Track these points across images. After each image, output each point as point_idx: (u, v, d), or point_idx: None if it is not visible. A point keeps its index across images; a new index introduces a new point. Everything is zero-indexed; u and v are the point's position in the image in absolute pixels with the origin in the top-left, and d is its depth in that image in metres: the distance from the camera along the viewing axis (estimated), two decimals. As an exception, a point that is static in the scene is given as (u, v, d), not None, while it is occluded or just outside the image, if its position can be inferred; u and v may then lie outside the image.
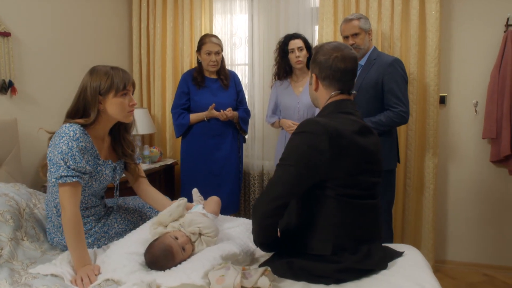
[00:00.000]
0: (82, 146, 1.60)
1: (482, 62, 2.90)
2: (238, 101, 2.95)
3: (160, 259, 1.43)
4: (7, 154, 2.26)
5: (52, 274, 1.46)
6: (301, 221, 1.47)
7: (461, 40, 2.94)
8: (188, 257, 1.49)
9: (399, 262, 1.50)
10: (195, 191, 1.85)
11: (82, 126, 1.63)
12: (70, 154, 1.56)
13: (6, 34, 2.31)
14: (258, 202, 1.44)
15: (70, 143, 1.57)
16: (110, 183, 1.81)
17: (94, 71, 1.68)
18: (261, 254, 1.64)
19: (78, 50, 2.89)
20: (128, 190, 2.11)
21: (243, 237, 1.67)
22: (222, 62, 2.88)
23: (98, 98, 1.63)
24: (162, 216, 1.61)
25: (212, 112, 2.78)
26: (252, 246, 1.64)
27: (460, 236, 3.05)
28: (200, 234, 1.53)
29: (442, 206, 3.05)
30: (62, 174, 1.54)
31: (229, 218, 1.93)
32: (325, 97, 1.53)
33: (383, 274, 1.41)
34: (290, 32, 3.01)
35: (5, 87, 2.32)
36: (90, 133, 1.67)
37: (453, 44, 2.95)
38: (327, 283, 1.37)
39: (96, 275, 1.44)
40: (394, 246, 1.64)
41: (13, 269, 1.49)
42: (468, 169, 2.99)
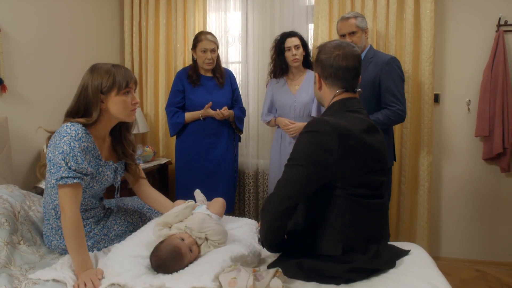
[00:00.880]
0: (84, 146, 1.55)
1: (475, 61, 2.94)
2: (234, 99, 2.92)
3: (168, 262, 1.39)
4: (-2, 155, 2.18)
5: (53, 280, 1.41)
6: (309, 222, 1.46)
7: (454, 39, 2.97)
8: (194, 258, 1.46)
9: (407, 260, 1.50)
10: (198, 192, 1.82)
11: (84, 125, 1.58)
12: (71, 155, 1.51)
13: (-4, 30, 2.24)
14: (267, 203, 1.41)
15: (72, 143, 1.51)
16: (110, 184, 1.76)
17: (95, 69, 1.62)
18: (267, 255, 1.62)
19: (69, 47, 2.82)
20: (123, 191, 2.06)
21: (248, 237, 1.65)
22: (217, 60, 2.84)
23: (100, 97, 1.59)
24: (168, 217, 1.57)
25: (208, 111, 2.75)
26: (258, 247, 1.62)
27: (453, 232, 3.10)
28: (206, 239, 1.51)
29: (435, 203, 3.09)
30: (63, 175, 1.48)
31: (232, 219, 1.90)
32: (329, 95, 1.52)
33: (393, 273, 1.41)
34: (284, 30, 3.00)
35: (-6, 85, 2.25)
36: (92, 133, 1.62)
37: (446, 43, 2.98)
38: (337, 283, 1.36)
39: (99, 280, 1.39)
40: (399, 244, 1.64)
41: (11, 274, 1.44)
42: (461, 166, 3.04)
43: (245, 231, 1.71)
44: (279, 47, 2.82)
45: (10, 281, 1.38)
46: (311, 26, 3.17)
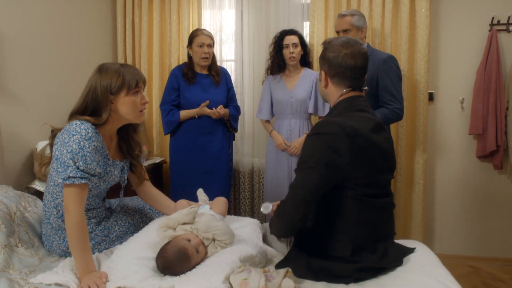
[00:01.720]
0: (94, 146, 1.52)
1: (469, 60, 2.97)
2: (229, 98, 2.90)
3: (174, 263, 1.36)
4: (-10, 155, 2.11)
5: (56, 284, 1.36)
6: (317, 223, 1.45)
7: (448, 38, 3.00)
8: (201, 259, 1.44)
9: (413, 258, 1.50)
10: (201, 191, 1.79)
11: (93, 124, 1.55)
12: (81, 154, 1.47)
13: (-14, 26, 2.16)
14: (283, 210, 1.40)
15: (81, 143, 1.48)
16: (116, 183, 1.73)
17: (103, 69, 1.58)
18: (273, 255, 1.61)
19: (62, 45, 2.74)
20: (125, 191, 2.02)
21: (253, 237, 1.63)
22: (213, 57, 2.82)
23: (109, 97, 1.55)
24: (171, 220, 1.54)
25: (204, 109, 2.71)
26: (264, 247, 1.60)
27: (446, 229, 3.14)
28: (213, 240, 1.48)
29: (429, 201, 3.12)
30: (70, 175, 1.45)
31: (234, 218, 1.88)
32: (335, 94, 1.50)
33: (401, 271, 1.41)
34: (280, 28, 2.99)
35: (-15, 83, 2.17)
36: (100, 132, 1.59)
37: (440, 42, 3.01)
38: (347, 282, 1.36)
39: (104, 283, 1.36)
40: (402, 242, 1.64)
41: (11, 279, 1.39)
42: (454, 164, 3.07)
43: (249, 231, 1.69)
44: (278, 44, 2.82)
45: (10, 285, 1.33)
46: (307, 24, 3.16)
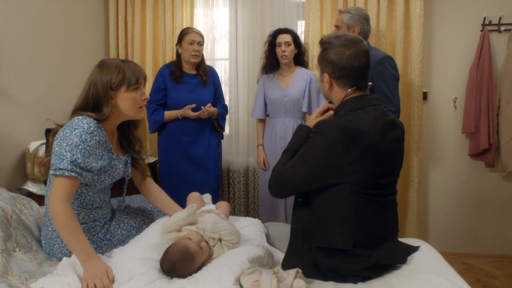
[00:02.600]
0: (96, 140, 1.50)
1: (461, 59, 3.01)
2: (216, 97, 2.87)
3: (179, 264, 1.33)
4: (-20, 156, 2.05)
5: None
6: (317, 217, 1.44)
7: (441, 38, 3.03)
8: (206, 258, 1.41)
9: (418, 256, 1.51)
10: (207, 195, 1.79)
11: (95, 119, 1.53)
12: (81, 147, 1.45)
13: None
14: (273, 182, 1.49)
15: (83, 136, 1.46)
16: (120, 178, 1.71)
17: (104, 65, 1.57)
18: (278, 255, 1.60)
19: (53, 43, 2.68)
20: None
21: (257, 237, 1.61)
22: (202, 57, 2.79)
23: (110, 93, 1.54)
24: (173, 223, 1.49)
25: (187, 112, 2.67)
26: (269, 246, 1.59)
27: (440, 226, 3.17)
28: (220, 240, 1.46)
29: (423, 198, 3.15)
30: (61, 166, 1.43)
31: (236, 218, 1.85)
32: (341, 95, 1.49)
33: (407, 270, 1.41)
34: (275, 26, 2.99)
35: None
36: (103, 127, 1.57)
37: (434, 41, 3.04)
38: (355, 282, 1.36)
39: (111, 280, 1.32)
40: (405, 241, 1.65)
41: (11, 284, 1.34)
42: (447, 163, 3.11)
43: (253, 231, 1.68)
44: (271, 43, 2.82)
45: (11, 291, 1.29)
46: (302, 22, 3.16)
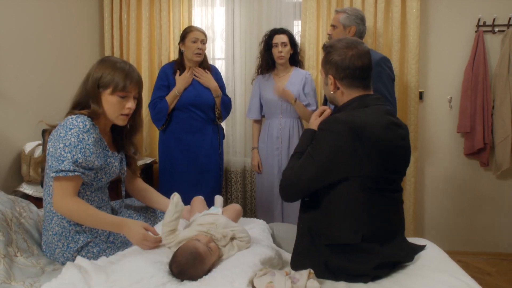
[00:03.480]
0: (93, 138, 1.48)
1: (456, 60, 3.05)
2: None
3: (189, 265, 1.30)
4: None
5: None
6: (326, 212, 1.44)
7: (437, 38, 3.06)
8: (216, 258, 1.39)
9: (425, 256, 1.52)
10: (219, 198, 1.77)
11: (89, 117, 1.51)
12: (80, 147, 1.43)
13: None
14: (284, 185, 1.49)
15: (80, 135, 1.44)
16: (116, 176, 1.70)
17: (102, 61, 1.56)
18: (285, 256, 1.59)
19: (47, 42, 2.62)
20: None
21: (265, 238, 1.60)
22: (204, 55, 2.77)
23: (97, 91, 1.52)
24: (170, 225, 1.45)
25: (180, 84, 2.64)
26: (277, 247, 1.58)
27: (436, 225, 3.21)
28: (232, 239, 1.44)
29: (419, 198, 3.18)
30: (62, 168, 1.41)
31: (240, 220, 1.84)
32: (346, 96, 1.50)
33: (416, 269, 1.42)
34: (271, 26, 2.98)
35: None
36: (96, 124, 1.55)
37: (430, 42, 3.07)
38: (365, 282, 1.36)
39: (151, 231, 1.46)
40: (410, 240, 1.66)
41: (15, 290, 1.30)
42: (443, 162, 3.15)
43: (259, 232, 1.66)
44: (267, 43, 2.80)
45: (16, 298, 1.25)
46: (298, 22, 3.16)
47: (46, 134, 1.58)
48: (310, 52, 3.05)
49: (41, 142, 2.32)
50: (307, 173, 1.41)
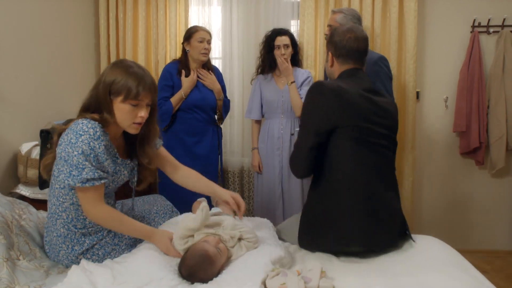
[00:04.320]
0: (104, 145, 1.44)
1: (452, 60, 3.08)
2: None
3: (199, 267, 1.29)
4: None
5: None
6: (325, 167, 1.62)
7: (433, 39, 3.09)
8: (225, 259, 1.38)
9: (435, 253, 1.55)
10: (203, 201, 1.76)
11: (99, 123, 1.46)
12: (92, 155, 1.40)
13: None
14: (290, 159, 1.74)
15: (91, 143, 1.40)
16: (124, 183, 1.66)
17: (116, 65, 1.49)
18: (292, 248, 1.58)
19: (42, 42, 2.56)
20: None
21: (271, 237, 1.59)
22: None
23: (108, 98, 1.46)
24: (190, 230, 1.44)
25: (186, 85, 2.61)
26: (284, 244, 1.58)
27: (432, 223, 3.23)
28: (240, 239, 1.42)
29: (417, 196, 3.20)
30: (87, 177, 1.39)
31: (244, 220, 1.82)
32: (339, 70, 1.76)
33: (427, 267, 1.43)
34: (269, 26, 2.97)
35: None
36: (107, 131, 1.50)
37: (426, 42, 3.10)
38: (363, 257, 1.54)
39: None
40: (415, 237, 1.68)
41: (20, 295, 1.27)
42: (439, 161, 3.18)
43: (264, 231, 1.65)
44: (269, 44, 2.78)
45: (22, 303, 1.22)
46: (295, 22, 3.16)
47: (55, 134, 1.52)
48: (309, 51, 3.05)
49: (37, 142, 2.28)
50: (304, 139, 1.64)
